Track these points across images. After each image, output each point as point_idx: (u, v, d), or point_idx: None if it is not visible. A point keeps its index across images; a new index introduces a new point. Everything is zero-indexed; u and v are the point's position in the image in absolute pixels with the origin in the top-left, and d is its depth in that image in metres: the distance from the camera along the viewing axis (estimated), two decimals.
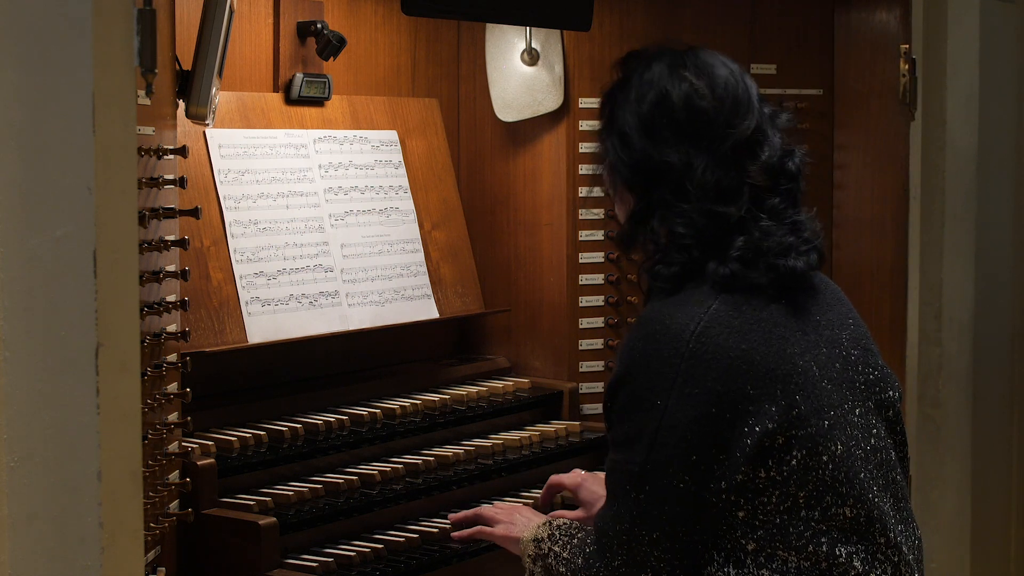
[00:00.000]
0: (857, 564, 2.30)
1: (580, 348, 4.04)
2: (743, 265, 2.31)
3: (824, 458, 2.28)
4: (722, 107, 2.34)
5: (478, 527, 2.85)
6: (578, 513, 2.86)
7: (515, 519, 2.76)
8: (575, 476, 2.97)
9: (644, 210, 2.38)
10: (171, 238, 2.85)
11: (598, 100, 4.00)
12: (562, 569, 2.48)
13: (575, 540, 2.49)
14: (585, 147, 4.03)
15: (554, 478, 3.01)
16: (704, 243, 2.33)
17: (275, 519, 2.98)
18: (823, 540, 2.27)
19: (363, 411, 3.52)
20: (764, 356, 2.26)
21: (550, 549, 2.53)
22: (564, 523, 2.57)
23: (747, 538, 2.28)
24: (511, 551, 2.73)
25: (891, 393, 2.45)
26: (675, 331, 2.27)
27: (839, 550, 2.28)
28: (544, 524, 2.59)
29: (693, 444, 2.24)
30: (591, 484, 2.94)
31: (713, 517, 2.28)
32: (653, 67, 2.42)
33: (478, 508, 2.94)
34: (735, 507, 2.28)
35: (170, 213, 2.83)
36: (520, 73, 4.00)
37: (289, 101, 3.67)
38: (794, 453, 2.26)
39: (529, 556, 2.57)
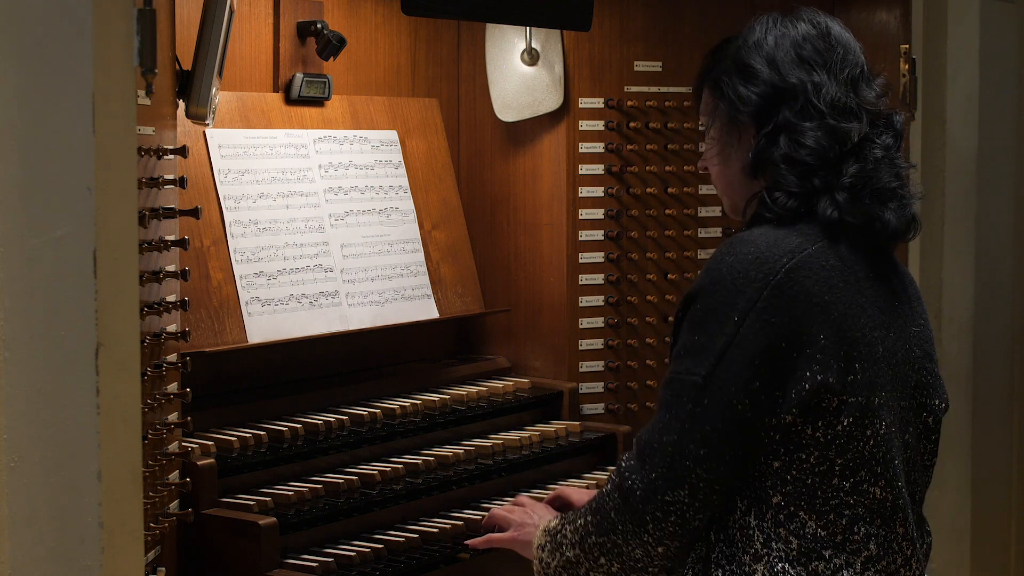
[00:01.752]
0: (872, 546, 2.33)
1: (580, 348, 4.05)
2: (851, 195, 2.36)
3: (868, 432, 2.31)
4: (835, 48, 2.45)
5: (488, 536, 2.82)
6: None
7: (527, 521, 2.74)
8: (582, 492, 2.94)
9: (771, 133, 2.41)
10: (171, 238, 2.85)
11: (598, 100, 4.06)
12: (579, 522, 2.45)
13: (584, 506, 2.48)
14: (585, 147, 4.03)
15: (563, 491, 2.96)
16: (826, 165, 2.37)
17: (275, 519, 2.98)
18: (846, 513, 2.31)
19: (363, 411, 3.52)
20: (842, 314, 2.30)
21: (563, 526, 2.52)
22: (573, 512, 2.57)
23: (775, 490, 2.30)
24: (524, 555, 2.71)
25: (936, 402, 2.49)
26: (769, 258, 2.29)
27: (858, 527, 2.31)
28: (556, 517, 2.59)
29: (758, 370, 2.26)
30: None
31: (759, 454, 2.29)
32: (764, 20, 2.52)
33: (491, 513, 2.88)
34: (772, 456, 2.30)
35: (170, 213, 2.83)
36: (520, 73, 4.00)
37: (289, 101, 3.67)
38: (842, 419, 2.29)
39: (539, 545, 2.55)
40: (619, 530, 2.38)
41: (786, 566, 2.29)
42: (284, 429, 3.32)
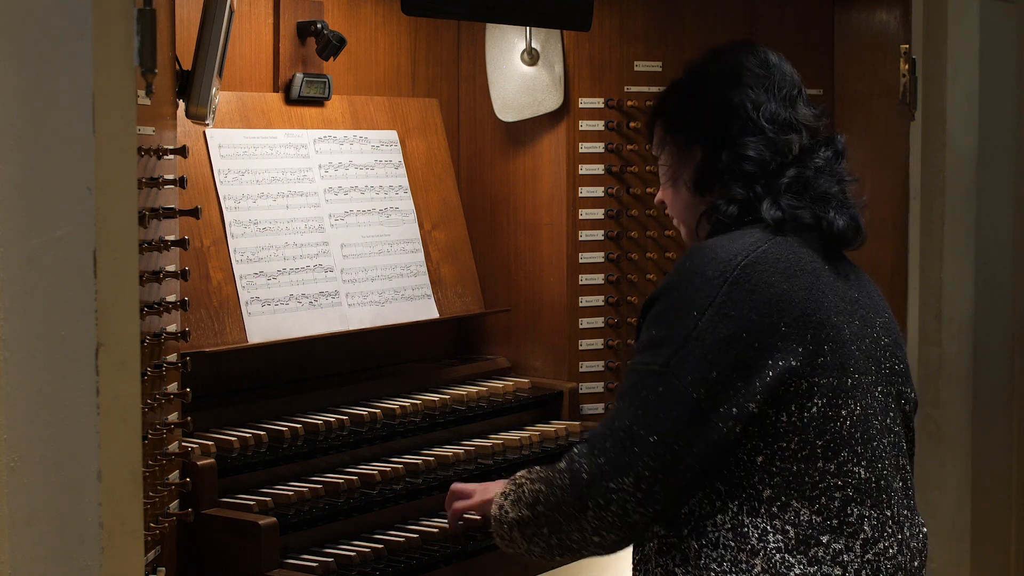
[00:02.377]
0: (867, 528, 2.36)
1: (580, 348, 4.05)
2: (793, 196, 2.49)
3: (843, 412, 2.36)
4: (772, 72, 2.62)
5: (455, 504, 2.89)
6: None
7: (488, 486, 2.82)
8: (473, 485, 2.99)
9: (715, 151, 2.55)
10: (171, 238, 2.85)
11: (598, 100, 4.06)
12: (535, 486, 2.51)
13: (543, 472, 2.54)
14: (585, 147, 4.03)
15: (455, 485, 3.02)
16: (767, 174, 2.51)
17: (275, 519, 2.98)
18: (836, 495, 2.34)
19: (363, 411, 3.52)
20: (803, 300, 2.37)
21: (525, 479, 2.57)
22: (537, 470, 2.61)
23: (763, 484, 2.34)
24: (486, 513, 2.73)
25: (910, 391, 2.57)
26: (723, 257, 2.39)
27: (851, 509, 2.35)
28: (525, 471, 2.62)
29: (717, 360, 2.32)
30: None
31: (715, 448, 2.32)
32: (706, 55, 2.68)
33: (451, 488, 2.96)
34: (755, 452, 2.34)
35: (170, 213, 2.83)
36: (520, 73, 4.00)
37: (289, 101, 3.67)
38: (815, 400, 2.34)
39: (503, 493, 2.58)
40: (562, 510, 2.43)
41: (785, 556, 2.32)
42: (284, 429, 3.32)
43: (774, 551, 2.32)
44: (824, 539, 2.33)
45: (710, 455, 2.33)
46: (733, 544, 2.34)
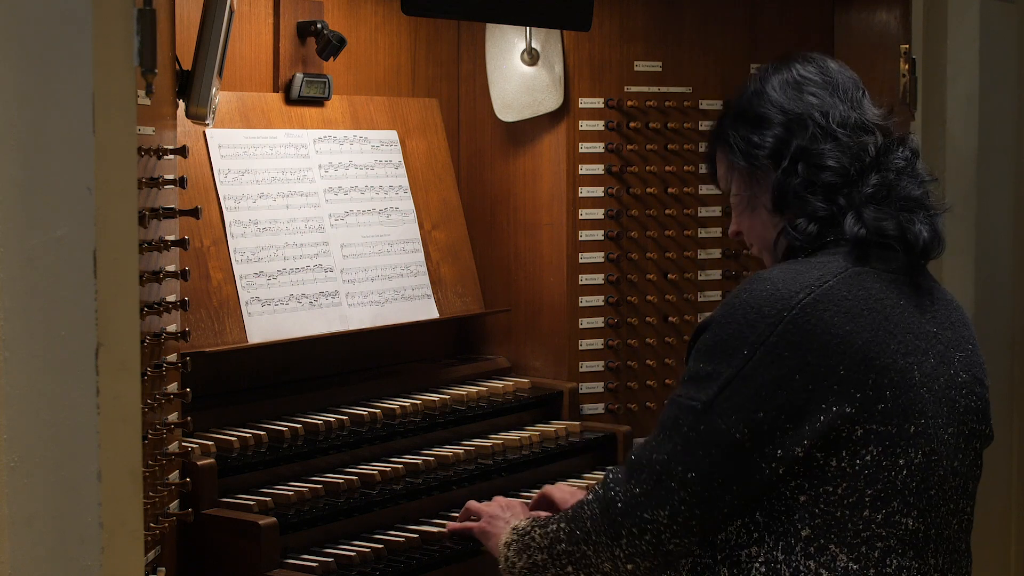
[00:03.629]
0: None
1: (580, 348, 4.04)
2: (876, 205, 2.36)
3: (901, 461, 2.27)
4: (833, 77, 2.50)
5: (464, 523, 2.87)
6: None
7: (499, 514, 2.77)
8: (564, 491, 2.95)
9: (788, 166, 2.43)
10: (171, 238, 2.85)
11: (598, 100, 4.06)
12: (550, 528, 2.46)
13: (560, 513, 2.50)
14: (585, 147, 4.03)
15: (547, 489, 2.98)
16: (848, 182, 2.38)
17: (275, 519, 2.98)
18: (878, 545, 2.26)
19: (363, 411, 3.52)
20: (866, 342, 2.26)
21: (532, 528, 2.52)
22: (547, 516, 2.58)
23: (803, 523, 2.26)
24: (487, 547, 2.73)
25: (985, 428, 2.46)
26: (783, 295, 2.27)
27: (890, 560, 2.26)
28: (527, 519, 2.59)
29: (764, 401, 2.23)
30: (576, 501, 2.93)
31: (757, 486, 2.25)
32: (760, 71, 2.56)
33: (467, 505, 2.95)
34: (798, 490, 2.26)
35: (170, 213, 2.83)
36: (520, 73, 4.00)
37: (289, 101, 3.67)
38: (870, 448, 2.25)
39: (506, 542, 2.56)
40: (592, 540, 2.38)
41: None
42: (284, 429, 3.32)
43: None
44: None
45: (750, 492, 2.27)
46: None
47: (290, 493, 3.14)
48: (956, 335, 2.43)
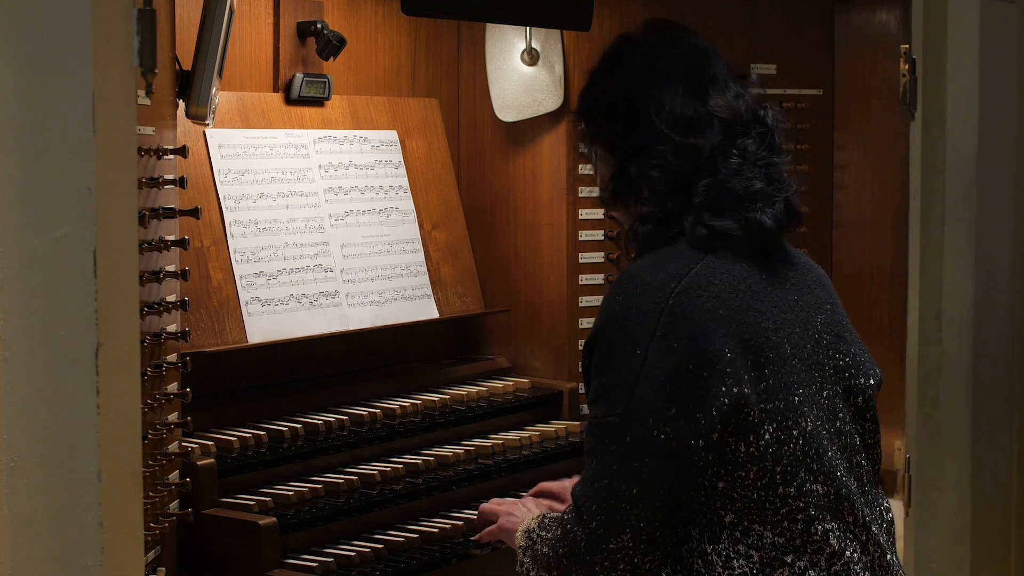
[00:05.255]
0: (833, 541, 2.32)
1: (580, 348, 4.04)
2: (712, 213, 2.34)
3: (795, 432, 2.30)
4: (681, 58, 2.42)
5: (488, 529, 2.85)
6: None
7: (516, 511, 2.77)
8: (563, 482, 2.96)
9: (623, 162, 2.42)
10: (171, 238, 2.85)
11: None
12: (545, 549, 2.46)
13: (558, 521, 2.49)
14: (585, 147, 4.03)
15: (543, 485, 2.99)
16: (678, 186, 2.35)
17: (275, 519, 2.98)
18: (799, 517, 2.29)
19: (363, 411, 3.52)
20: (740, 325, 2.28)
21: (538, 536, 2.52)
22: (555, 514, 2.57)
23: (725, 509, 2.28)
24: (510, 544, 2.73)
25: (862, 380, 2.46)
26: (655, 286, 2.28)
27: (814, 527, 2.30)
28: (536, 516, 2.59)
29: (671, 396, 2.24)
30: None
31: (692, 478, 2.27)
32: (611, 46, 2.51)
33: (482, 508, 2.93)
34: (716, 478, 2.28)
35: (170, 213, 2.83)
36: (520, 73, 4.00)
37: (289, 101, 3.67)
38: (766, 427, 2.28)
39: (520, 547, 2.57)
40: (574, 572, 2.37)
41: None
42: (284, 429, 3.32)
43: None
44: (788, 559, 2.28)
45: (691, 485, 2.28)
46: (703, 571, 2.29)
47: (290, 493, 3.14)
48: (814, 298, 2.44)
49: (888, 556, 2.44)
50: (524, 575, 2.56)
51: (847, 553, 2.33)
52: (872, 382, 2.49)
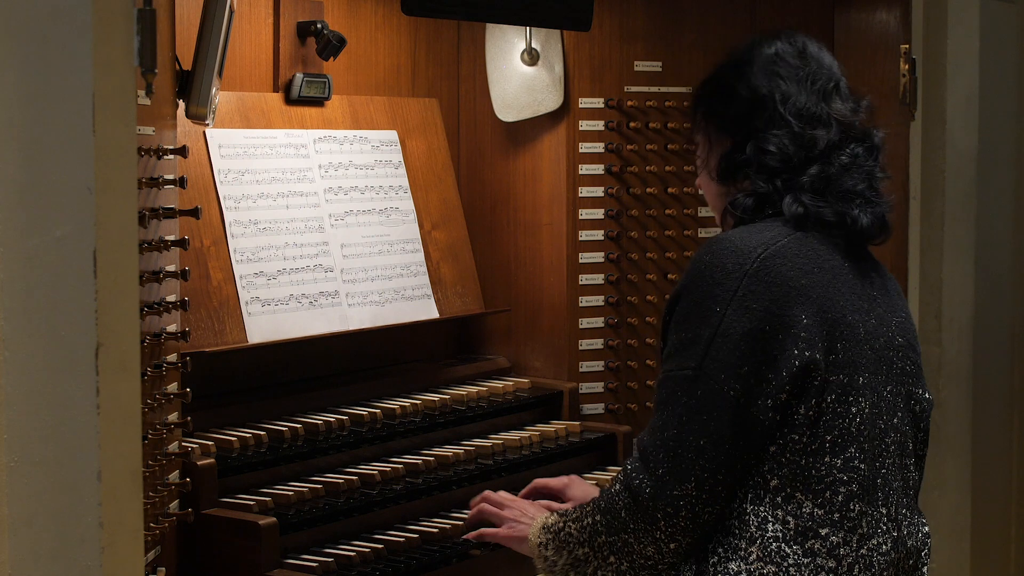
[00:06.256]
0: (864, 524, 2.39)
1: (580, 348, 4.05)
2: (814, 194, 2.48)
3: (853, 409, 2.38)
4: (808, 63, 2.60)
5: (482, 530, 2.86)
6: None
7: (520, 517, 2.78)
8: (562, 478, 2.99)
9: (740, 142, 2.55)
10: (171, 238, 2.85)
11: (598, 100, 4.06)
12: (586, 521, 2.51)
13: (589, 505, 2.53)
14: (585, 147, 4.03)
15: (539, 481, 3.02)
16: (789, 168, 2.50)
17: (275, 519, 2.98)
18: (841, 491, 2.36)
19: (363, 411, 3.52)
20: (820, 296, 2.39)
21: (565, 524, 2.55)
22: (574, 507, 2.59)
23: (772, 473, 2.36)
24: (517, 550, 2.73)
25: (922, 392, 2.57)
26: (742, 250, 2.40)
27: (852, 505, 2.37)
28: (552, 513, 2.61)
29: (745, 355, 2.34)
30: (579, 486, 2.96)
31: (758, 438, 2.35)
32: (747, 41, 2.67)
33: (481, 504, 2.94)
34: (769, 440, 2.36)
35: (170, 213, 2.83)
36: (520, 73, 4.00)
37: (289, 101, 3.67)
38: (827, 396, 2.36)
39: (539, 544, 2.58)
40: (630, 528, 2.43)
41: (782, 545, 2.35)
42: (284, 429, 3.32)
43: (771, 540, 2.35)
44: (823, 532, 2.35)
45: (756, 444, 2.36)
46: (737, 530, 2.37)
47: (290, 493, 3.14)
48: (892, 302, 2.57)
49: (912, 561, 2.48)
50: (551, 570, 2.58)
51: (874, 540, 2.39)
52: (929, 398, 2.59)
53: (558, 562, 2.56)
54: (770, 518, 2.36)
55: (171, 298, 2.86)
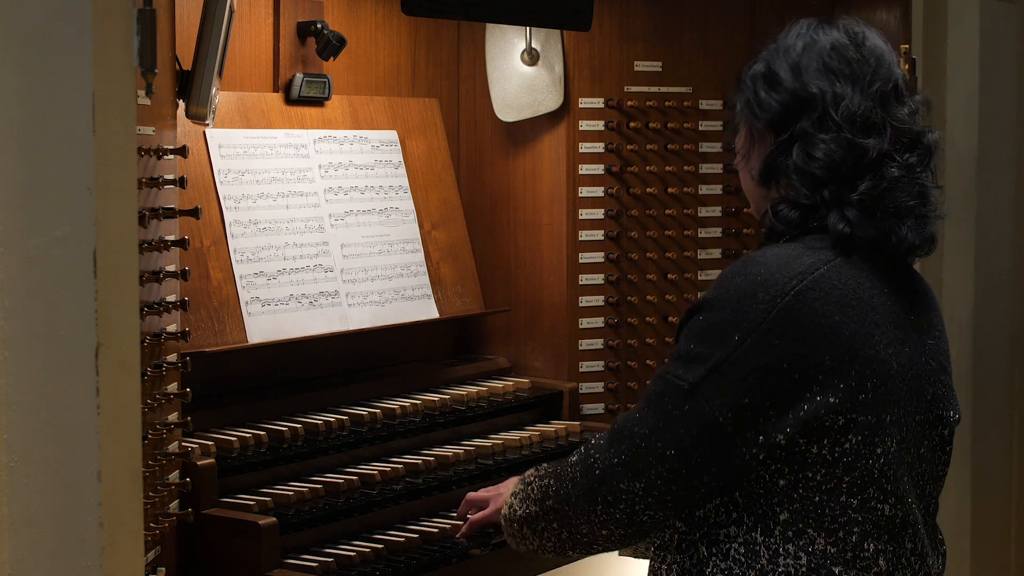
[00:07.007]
0: (882, 562, 2.30)
1: (580, 348, 4.04)
2: (862, 214, 2.31)
3: (879, 451, 2.28)
4: (866, 60, 2.38)
5: (470, 520, 2.85)
6: None
7: (501, 492, 2.78)
8: (490, 490, 2.92)
9: (786, 142, 2.37)
10: (171, 238, 2.85)
11: (598, 100, 4.06)
12: (543, 481, 2.49)
13: (552, 467, 2.51)
14: (585, 147, 4.03)
15: (470, 495, 2.95)
16: (837, 178, 2.32)
17: (275, 519, 2.98)
18: (855, 530, 2.28)
19: (363, 411, 3.52)
20: (852, 333, 2.26)
21: (533, 476, 2.55)
22: (546, 466, 2.59)
23: (782, 507, 2.28)
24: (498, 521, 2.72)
25: (951, 413, 2.46)
26: (778, 281, 2.26)
27: (868, 544, 2.29)
28: (534, 470, 2.60)
29: (752, 387, 2.23)
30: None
31: (734, 469, 2.26)
32: (799, 24, 2.45)
33: (466, 499, 2.92)
34: (778, 475, 2.27)
35: (170, 213, 2.83)
36: (520, 73, 4.00)
37: (289, 101, 3.67)
38: (850, 437, 2.26)
39: (513, 492, 2.57)
40: (572, 502, 2.41)
41: None
42: (284, 429, 3.32)
43: (783, 574, 2.27)
44: (836, 570, 2.27)
45: (728, 474, 2.28)
46: (743, 560, 2.29)
47: (290, 493, 3.14)
48: (928, 322, 2.44)
49: None
50: (510, 517, 2.56)
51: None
52: (956, 416, 2.48)
53: (518, 511, 2.54)
54: (781, 552, 2.27)
55: (171, 298, 2.86)
